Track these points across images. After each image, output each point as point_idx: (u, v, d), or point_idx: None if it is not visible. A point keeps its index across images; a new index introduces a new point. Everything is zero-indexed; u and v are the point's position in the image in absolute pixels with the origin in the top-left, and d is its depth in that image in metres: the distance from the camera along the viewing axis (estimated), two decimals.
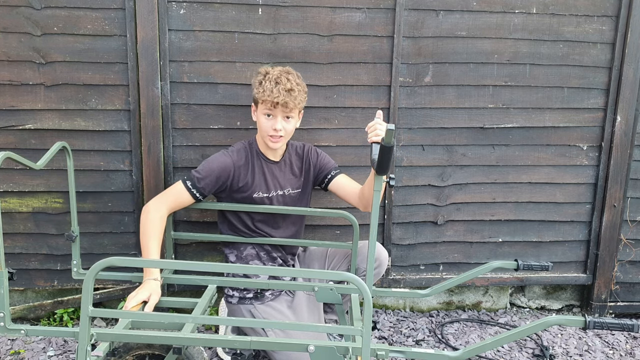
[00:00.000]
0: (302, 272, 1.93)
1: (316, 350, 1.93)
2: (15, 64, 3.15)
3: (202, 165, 2.75)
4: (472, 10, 3.35)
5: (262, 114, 2.71)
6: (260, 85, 2.68)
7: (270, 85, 2.64)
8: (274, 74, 2.68)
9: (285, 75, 2.68)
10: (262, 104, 2.69)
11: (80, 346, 1.86)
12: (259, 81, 2.70)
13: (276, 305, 2.78)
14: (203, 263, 1.87)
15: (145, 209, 2.62)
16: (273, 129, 2.70)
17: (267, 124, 2.71)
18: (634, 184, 3.66)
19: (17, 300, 3.52)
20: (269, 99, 2.63)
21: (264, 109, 2.70)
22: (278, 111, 2.68)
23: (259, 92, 2.67)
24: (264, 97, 2.64)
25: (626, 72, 3.46)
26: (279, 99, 2.62)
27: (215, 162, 2.75)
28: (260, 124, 2.74)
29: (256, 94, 2.70)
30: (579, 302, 3.99)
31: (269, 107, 2.67)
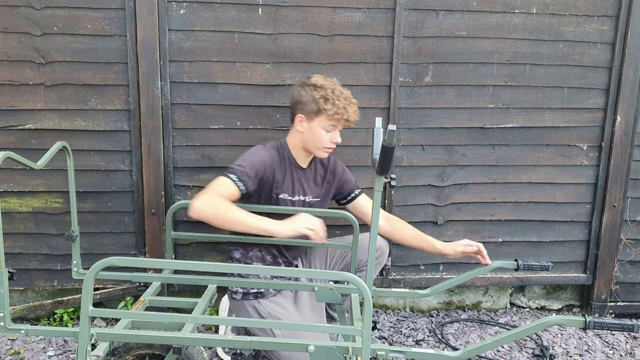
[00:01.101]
0: (302, 272, 1.93)
1: (316, 350, 1.93)
2: (15, 64, 3.15)
3: (242, 159, 2.65)
4: (472, 10, 3.35)
5: (321, 127, 2.68)
6: (328, 101, 2.64)
7: (341, 102, 2.64)
8: (338, 89, 2.68)
9: (347, 92, 2.71)
10: (329, 119, 2.66)
11: (80, 346, 1.85)
12: (323, 96, 2.65)
13: (280, 300, 2.78)
14: (203, 263, 1.87)
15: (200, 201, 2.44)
16: (333, 142, 2.72)
17: (327, 137, 2.70)
18: (634, 184, 3.66)
19: (17, 300, 3.52)
20: (344, 117, 2.65)
21: (328, 123, 2.67)
22: (341, 126, 2.71)
23: (329, 108, 2.63)
24: (338, 114, 2.64)
25: (626, 72, 3.46)
26: (352, 118, 2.68)
27: (257, 156, 2.68)
28: (317, 135, 2.70)
29: (324, 109, 2.65)
30: (579, 302, 3.99)
31: (335, 122, 2.68)
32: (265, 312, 2.73)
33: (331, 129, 2.69)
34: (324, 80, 2.72)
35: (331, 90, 2.66)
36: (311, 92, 2.69)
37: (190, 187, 3.39)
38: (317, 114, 2.67)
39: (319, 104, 2.65)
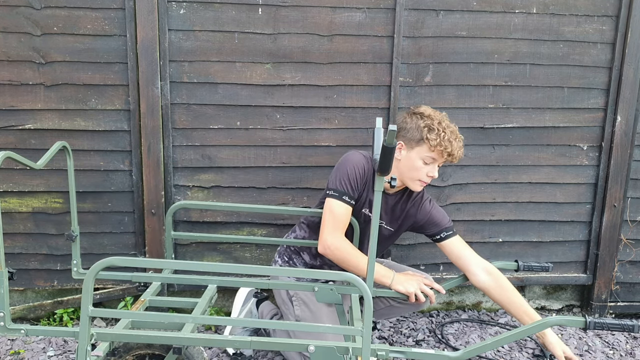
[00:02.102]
0: (304, 272, 1.93)
1: (316, 350, 1.93)
2: (15, 64, 3.15)
3: (344, 174, 2.68)
4: (472, 10, 3.35)
5: (420, 157, 2.66)
6: (433, 131, 2.61)
7: (447, 135, 2.61)
8: (445, 122, 2.67)
9: (454, 127, 2.69)
10: (429, 150, 2.64)
11: (80, 346, 1.85)
12: (429, 126, 2.63)
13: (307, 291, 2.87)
14: (203, 263, 1.87)
15: (333, 244, 2.61)
16: (430, 176, 2.69)
17: (424, 170, 2.67)
18: (634, 184, 3.66)
19: (17, 300, 3.52)
20: (446, 150, 2.62)
21: (427, 155, 2.65)
22: (441, 161, 2.68)
23: (433, 138, 2.60)
24: (440, 146, 2.61)
25: (626, 72, 3.46)
26: (455, 152, 2.64)
27: (356, 169, 2.70)
28: (415, 167, 2.67)
29: (426, 139, 2.63)
30: (579, 302, 3.99)
31: (436, 155, 2.65)
32: (292, 291, 2.87)
33: (430, 161, 2.66)
34: (432, 111, 2.70)
35: (438, 121, 2.64)
36: (417, 121, 2.67)
37: (190, 187, 3.38)
38: (419, 143, 2.65)
39: (423, 133, 2.63)
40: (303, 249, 2.98)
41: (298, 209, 2.92)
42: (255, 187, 3.43)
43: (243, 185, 3.42)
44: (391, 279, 2.63)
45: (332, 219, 2.65)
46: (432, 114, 2.67)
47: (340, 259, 2.62)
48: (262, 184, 3.42)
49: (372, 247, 2.38)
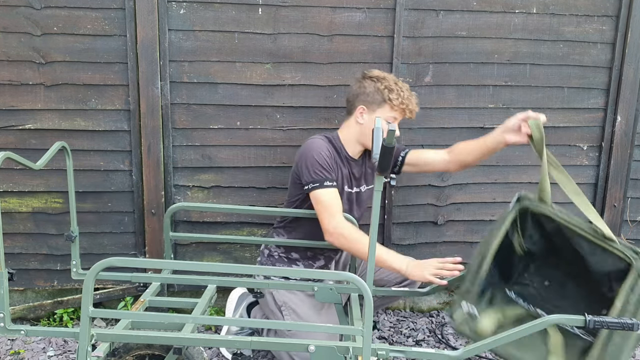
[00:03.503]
0: (304, 272, 1.93)
1: (317, 350, 1.93)
2: (15, 64, 3.15)
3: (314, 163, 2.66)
4: (472, 10, 3.35)
5: (383, 118, 2.70)
6: (394, 92, 2.68)
7: (405, 93, 2.70)
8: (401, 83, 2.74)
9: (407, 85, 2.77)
10: (393, 109, 2.70)
11: (80, 346, 1.85)
12: (389, 87, 2.69)
13: (299, 292, 2.82)
14: (202, 263, 1.87)
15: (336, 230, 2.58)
16: None
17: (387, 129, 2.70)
18: (634, 184, 3.66)
19: (17, 301, 3.52)
20: (410, 108, 2.71)
21: (390, 115, 2.71)
22: (400, 118, 2.75)
23: (394, 98, 2.67)
24: (403, 105, 2.69)
25: (626, 72, 3.46)
26: (415, 110, 2.75)
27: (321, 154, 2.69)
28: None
29: (388, 99, 2.68)
30: None
31: (398, 114, 2.72)
32: (281, 301, 2.81)
33: (392, 120, 2.72)
34: (384, 73, 2.78)
35: (394, 81, 2.72)
36: (374, 84, 2.73)
37: (190, 187, 3.38)
38: (381, 104, 2.71)
39: (384, 95, 2.69)
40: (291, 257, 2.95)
41: (297, 210, 2.91)
42: (255, 187, 3.43)
43: (243, 185, 3.42)
44: (405, 265, 2.59)
45: (324, 208, 2.63)
46: (386, 76, 2.74)
47: (347, 247, 2.60)
48: (262, 184, 3.42)
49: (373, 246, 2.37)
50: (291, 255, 2.91)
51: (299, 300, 2.81)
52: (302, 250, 2.90)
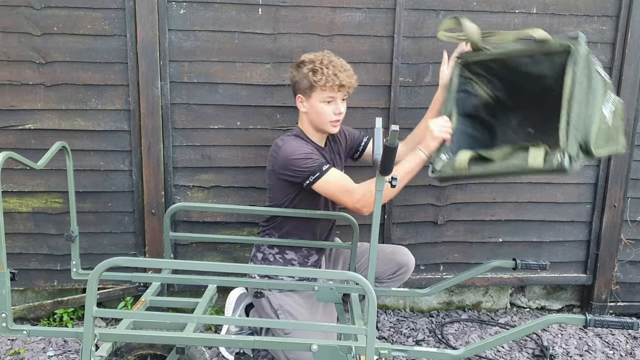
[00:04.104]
0: (305, 271, 1.94)
1: (319, 349, 1.93)
2: (15, 64, 3.15)
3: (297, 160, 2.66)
4: (473, 10, 3.35)
5: (320, 101, 2.70)
6: (318, 72, 2.65)
7: (329, 70, 2.65)
8: (326, 59, 2.69)
9: (336, 59, 2.72)
10: (324, 90, 2.67)
11: (84, 346, 1.85)
12: (312, 69, 2.67)
13: (294, 296, 2.81)
14: (203, 263, 1.87)
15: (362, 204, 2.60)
16: (336, 113, 2.73)
17: (329, 110, 2.71)
18: (634, 184, 3.66)
19: (17, 300, 3.51)
20: (336, 83, 2.65)
21: (324, 96, 2.69)
22: (339, 94, 2.70)
23: (320, 79, 2.64)
24: (328, 82, 2.64)
25: (626, 72, 3.46)
26: (345, 81, 2.67)
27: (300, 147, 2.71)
28: (320, 111, 2.71)
29: (314, 82, 2.66)
30: (579, 302, 3.99)
31: (332, 92, 2.68)
32: (277, 304, 2.78)
33: (330, 99, 2.70)
34: (313, 55, 2.74)
35: (319, 61, 2.68)
36: (301, 70, 2.72)
37: (190, 187, 3.38)
38: (312, 89, 2.70)
39: (309, 78, 2.68)
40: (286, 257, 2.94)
41: (297, 211, 2.92)
42: (255, 187, 3.43)
43: (243, 185, 3.42)
44: (424, 150, 2.66)
45: (338, 190, 2.63)
46: (312, 58, 2.71)
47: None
48: (262, 184, 3.41)
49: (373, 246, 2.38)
50: (286, 254, 2.90)
51: (294, 302, 2.79)
52: (295, 247, 2.90)
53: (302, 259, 2.91)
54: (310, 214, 2.79)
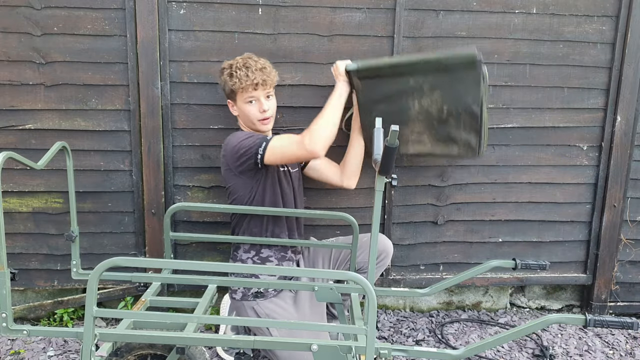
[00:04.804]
0: (305, 271, 1.93)
1: (319, 349, 1.93)
2: (15, 64, 3.15)
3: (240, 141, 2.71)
4: (472, 10, 3.35)
5: (244, 102, 2.77)
6: (233, 76, 2.73)
7: (242, 72, 2.71)
8: (240, 62, 2.76)
9: (250, 58, 2.78)
10: (242, 92, 2.74)
11: (84, 346, 1.85)
12: (229, 74, 2.75)
13: (279, 302, 2.78)
14: (203, 263, 1.87)
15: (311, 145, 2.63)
16: (261, 111, 2.78)
17: (254, 109, 2.78)
18: (634, 184, 3.66)
19: (17, 300, 3.51)
20: (248, 83, 2.70)
21: (245, 97, 2.75)
22: (259, 93, 2.75)
23: (235, 83, 2.72)
24: (243, 84, 2.70)
25: (626, 72, 3.46)
26: (258, 79, 2.71)
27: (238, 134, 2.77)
28: (247, 112, 2.79)
29: (232, 86, 2.74)
30: (579, 302, 4.00)
31: (250, 92, 2.74)
32: (263, 314, 2.75)
33: (251, 99, 2.76)
34: (231, 60, 2.82)
35: (235, 65, 2.76)
36: (221, 77, 2.82)
37: (190, 187, 3.38)
38: (233, 92, 2.79)
39: (228, 84, 2.77)
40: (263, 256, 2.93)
41: (299, 210, 2.92)
42: None
43: None
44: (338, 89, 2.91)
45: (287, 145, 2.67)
46: (230, 63, 2.80)
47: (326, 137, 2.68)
48: None
49: (373, 246, 2.38)
50: (262, 253, 2.90)
51: (282, 310, 2.78)
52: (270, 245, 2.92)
53: (278, 253, 2.90)
54: (308, 213, 2.79)
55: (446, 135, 2.91)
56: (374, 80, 2.89)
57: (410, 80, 2.81)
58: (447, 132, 2.91)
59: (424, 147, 3.03)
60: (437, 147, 3.00)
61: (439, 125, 2.90)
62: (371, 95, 2.94)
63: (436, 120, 2.88)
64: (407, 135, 3.02)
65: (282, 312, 2.75)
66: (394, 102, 2.91)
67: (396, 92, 2.88)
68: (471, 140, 2.87)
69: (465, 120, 2.81)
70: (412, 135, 3.00)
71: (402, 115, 2.95)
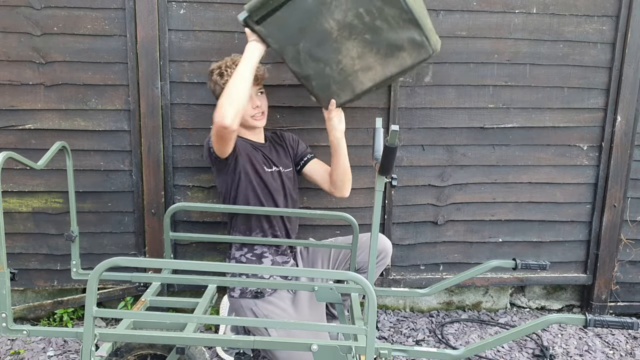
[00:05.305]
0: (305, 271, 1.93)
1: (319, 349, 1.93)
2: (15, 64, 3.15)
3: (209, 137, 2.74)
4: (472, 10, 3.35)
5: None
6: (224, 75, 2.74)
7: (232, 70, 2.72)
8: (229, 61, 2.79)
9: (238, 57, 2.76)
10: None
11: (84, 346, 1.85)
12: (219, 74, 2.77)
13: (278, 302, 2.78)
14: (203, 263, 1.87)
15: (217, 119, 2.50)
16: (254, 107, 2.79)
17: (247, 106, 2.77)
18: (634, 184, 3.66)
19: (17, 300, 3.51)
20: None
21: None
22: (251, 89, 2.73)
23: (225, 80, 2.72)
24: None
25: (626, 72, 3.46)
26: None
27: None
28: None
29: (223, 85, 2.72)
30: (579, 302, 3.99)
31: None
32: (262, 315, 2.75)
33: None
34: (219, 62, 2.83)
35: (224, 65, 2.78)
36: (211, 78, 2.82)
37: (190, 187, 3.38)
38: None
39: (219, 83, 2.76)
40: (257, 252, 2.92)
41: (298, 211, 2.92)
42: None
43: None
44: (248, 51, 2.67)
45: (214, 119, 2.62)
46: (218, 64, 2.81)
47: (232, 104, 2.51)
48: None
49: (373, 246, 2.38)
50: (255, 250, 2.90)
51: (280, 311, 2.77)
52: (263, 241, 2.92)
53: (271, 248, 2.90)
54: (308, 213, 2.79)
55: (386, 44, 2.59)
56: (273, 17, 2.58)
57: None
58: (385, 40, 2.59)
59: (375, 72, 2.68)
60: (387, 65, 2.65)
61: (372, 36, 2.58)
62: (282, 37, 2.63)
63: (364, 31, 2.57)
64: (350, 66, 2.68)
65: (281, 313, 2.75)
66: (309, 33, 2.61)
67: (303, 19, 2.58)
68: (414, 36, 2.55)
69: (391, 14, 2.51)
70: (355, 64, 2.68)
71: (327, 43, 2.63)
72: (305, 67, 2.70)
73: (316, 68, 2.65)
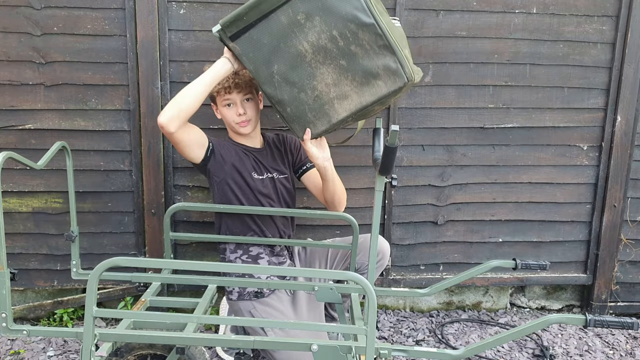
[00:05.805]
0: (305, 271, 1.93)
1: (319, 349, 1.93)
2: (15, 64, 3.15)
3: None
4: (472, 10, 3.35)
5: (222, 106, 2.77)
6: None
7: None
8: None
9: None
10: (219, 96, 2.74)
11: (84, 346, 1.85)
12: None
13: (276, 304, 2.78)
14: (203, 263, 1.86)
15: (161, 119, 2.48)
16: (237, 114, 2.76)
17: (231, 113, 2.76)
18: (634, 184, 3.66)
19: (17, 301, 3.51)
20: (224, 85, 2.69)
21: (222, 101, 2.75)
22: (235, 96, 2.73)
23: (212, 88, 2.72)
24: (217, 88, 2.70)
25: (626, 72, 3.46)
26: (230, 82, 2.69)
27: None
28: (225, 116, 2.79)
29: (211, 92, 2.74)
30: (579, 302, 3.99)
31: (225, 95, 2.73)
32: (260, 317, 2.73)
33: (229, 102, 2.75)
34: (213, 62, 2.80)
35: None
36: None
37: (190, 187, 3.38)
38: (213, 98, 2.80)
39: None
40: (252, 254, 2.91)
41: (297, 210, 2.91)
42: None
43: None
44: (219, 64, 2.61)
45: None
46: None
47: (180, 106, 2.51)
48: None
49: (373, 246, 2.38)
50: (251, 251, 2.89)
51: (279, 312, 2.76)
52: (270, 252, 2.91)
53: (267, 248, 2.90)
54: (308, 213, 2.79)
55: (362, 71, 2.42)
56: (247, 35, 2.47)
57: (282, 16, 2.41)
58: (361, 67, 2.42)
59: (351, 100, 2.50)
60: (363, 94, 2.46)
61: (347, 62, 2.43)
62: (256, 57, 2.50)
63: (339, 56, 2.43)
64: (326, 93, 2.53)
65: (279, 315, 2.75)
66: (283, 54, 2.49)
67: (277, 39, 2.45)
68: (389, 63, 2.38)
69: (366, 39, 2.37)
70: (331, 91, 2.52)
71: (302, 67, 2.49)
72: (280, 91, 2.56)
73: (290, 93, 2.54)
